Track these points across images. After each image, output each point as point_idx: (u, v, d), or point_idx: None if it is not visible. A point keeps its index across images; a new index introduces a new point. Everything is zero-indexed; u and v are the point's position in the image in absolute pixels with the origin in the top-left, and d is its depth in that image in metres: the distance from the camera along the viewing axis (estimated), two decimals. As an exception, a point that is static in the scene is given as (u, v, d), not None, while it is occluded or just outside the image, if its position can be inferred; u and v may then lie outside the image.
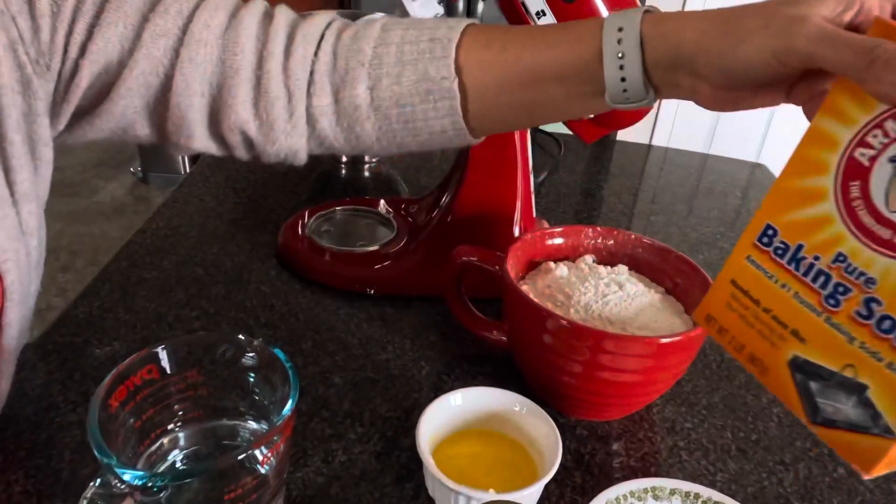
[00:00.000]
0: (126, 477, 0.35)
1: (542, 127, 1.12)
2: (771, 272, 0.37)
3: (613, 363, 0.50)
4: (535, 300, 0.53)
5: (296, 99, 0.47)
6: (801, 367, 0.35)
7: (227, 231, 0.80)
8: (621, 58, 0.41)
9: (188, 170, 1.29)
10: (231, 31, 0.46)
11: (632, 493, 0.48)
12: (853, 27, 0.34)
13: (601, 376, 0.51)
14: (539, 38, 0.45)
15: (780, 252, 0.36)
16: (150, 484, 0.35)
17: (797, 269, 0.35)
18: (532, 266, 0.63)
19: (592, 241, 0.64)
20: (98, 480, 0.35)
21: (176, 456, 0.46)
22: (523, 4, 0.61)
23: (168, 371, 0.44)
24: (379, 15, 0.66)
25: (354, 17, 0.67)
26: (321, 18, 0.49)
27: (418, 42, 0.47)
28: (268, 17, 0.48)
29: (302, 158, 0.51)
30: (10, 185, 0.44)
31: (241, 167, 0.96)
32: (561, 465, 0.47)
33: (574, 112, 0.49)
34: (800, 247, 0.35)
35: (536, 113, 0.49)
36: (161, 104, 0.47)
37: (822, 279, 0.34)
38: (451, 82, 0.46)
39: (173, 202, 0.86)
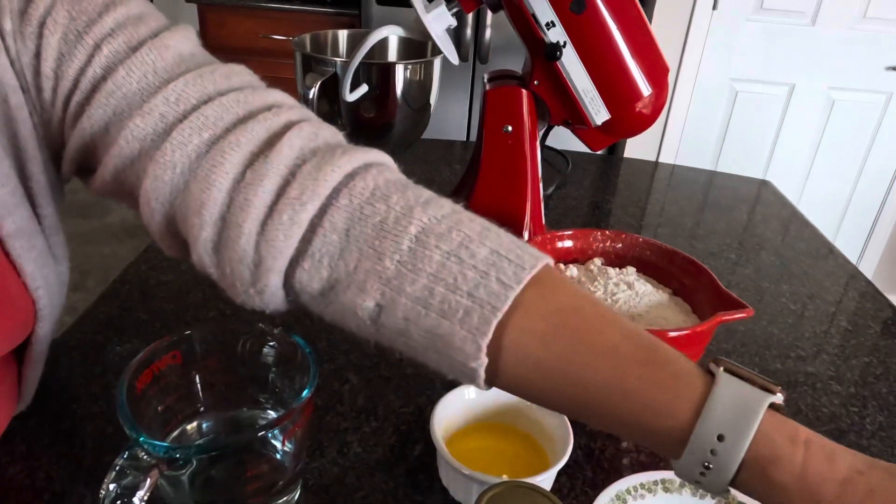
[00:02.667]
0: (153, 449, 0.36)
1: (548, 143, 1.15)
2: None
3: (623, 357, 0.51)
4: (546, 297, 0.55)
5: (265, 267, 0.38)
6: None
7: (242, 238, 0.82)
8: (707, 467, 0.32)
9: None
10: (208, 159, 0.38)
11: (642, 485, 0.49)
12: None
13: (611, 371, 0.52)
14: (627, 369, 0.34)
15: None
16: (177, 455, 0.36)
17: None
18: (542, 268, 0.64)
19: (601, 245, 0.66)
20: (126, 453, 0.36)
21: (197, 442, 0.47)
22: (534, 16, 0.63)
23: (191, 358, 0.46)
24: (386, 31, 0.69)
25: (365, 36, 0.70)
26: (339, 165, 0.38)
27: (455, 289, 0.35)
28: (268, 146, 0.39)
29: (280, 311, 0.43)
30: (38, 217, 0.45)
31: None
32: (571, 458, 0.48)
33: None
34: None
35: (586, 419, 0.37)
36: (134, 198, 0.42)
37: None
38: (479, 365, 0.35)
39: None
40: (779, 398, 0.32)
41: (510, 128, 0.69)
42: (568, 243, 0.65)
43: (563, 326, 0.35)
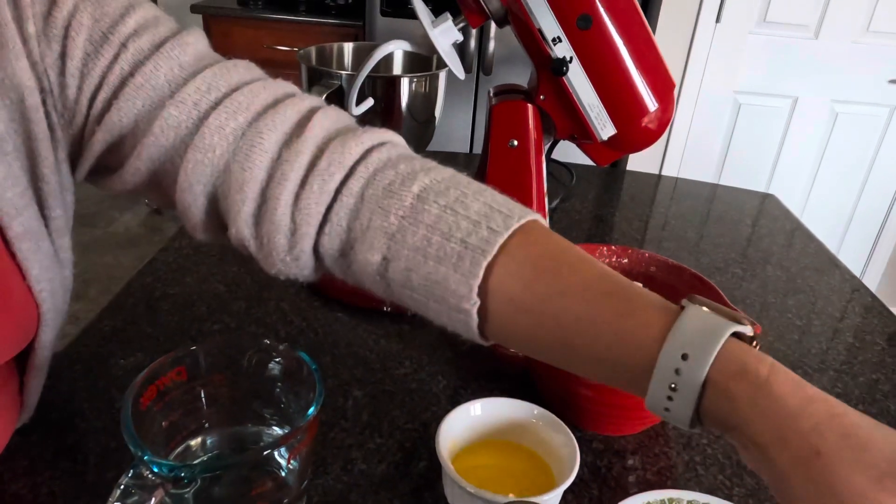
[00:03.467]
0: (157, 468, 0.36)
1: (555, 157, 1.15)
2: None
3: (630, 374, 0.51)
4: (553, 313, 0.54)
5: (301, 233, 0.42)
6: None
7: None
8: (673, 389, 0.33)
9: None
10: (246, 140, 0.42)
11: (649, 504, 0.49)
12: None
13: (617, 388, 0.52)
14: (598, 303, 0.36)
15: None
16: (182, 474, 0.36)
17: None
18: (548, 283, 0.64)
19: (607, 260, 0.65)
20: (130, 472, 0.36)
21: (201, 459, 0.46)
22: (540, 32, 0.63)
23: (196, 373, 0.45)
24: (393, 45, 0.69)
25: (370, 50, 0.70)
26: (361, 141, 0.43)
27: (449, 237, 0.39)
28: (299, 127, 0.43)
29: (309, 279, 0.47)
30: (45, 219, 0.45)
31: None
32: (578, 477, 0.48)
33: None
34: None
35: (565, 361, 0.40)
36: (170, 190, 0.45)
37: None
38: (472, 305, 0.38)
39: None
40: (748, 329, 0.33)
41: (516, 142, 0.69)
42: (574, 258, 0.65)
43: (544, 270, 0.38)
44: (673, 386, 0.33)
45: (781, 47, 2.06)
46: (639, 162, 2.17)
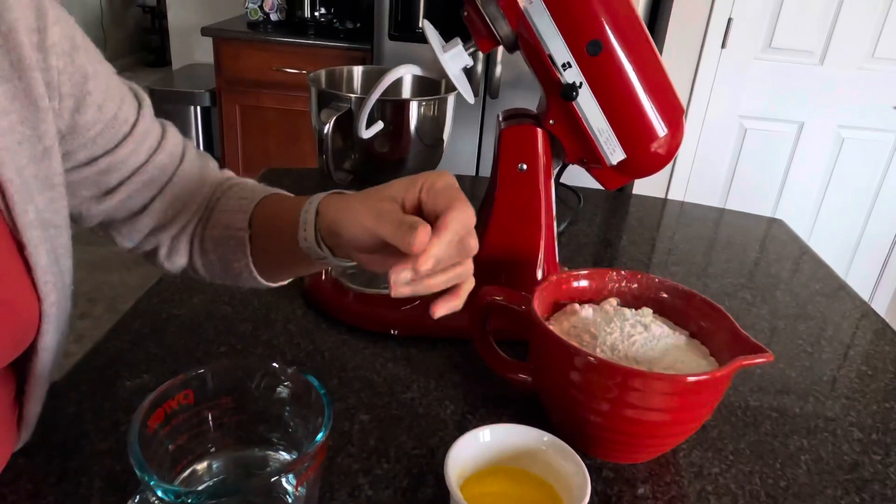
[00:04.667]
0: (164, 494, 0.35)
1: (562, 180, 1.15)
2: None
3: (640, 401, 0.51)
4: (563, 337, 0.54)
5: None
6: None
7: (254, 272, 0.81)
8: (304, 222, 0.50)
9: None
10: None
11: (661, 535, 0.48)
12: (419, 201, 0.45)
13: (628, 415, 0.51)
14: (290, 204, 0.54)
15: None
16: (189, 500, 0.35)
17: None
18: (557, 308, 0.64)
19: (616, 285, 0.65)
20: (137, 497, 0.36)
21: (207, 483, 0.46)
22: (550, 57, 0.64)
23: (204, 396, 0.45)
24: (403, 70, 0.69)
25: (380, 73, 0.71)
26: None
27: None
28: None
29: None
30: (55, 211, 0.47)
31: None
32: (588, 504, 0.47)
33: (306, 266, 0.57)
34: None
35: (286, 261, 0.56)
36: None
37: None
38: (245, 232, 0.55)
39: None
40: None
41: (525, 166, 0.69)
42: (583, 283, 0.64)
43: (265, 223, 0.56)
44: (304, 220, 0.50)
45: (787, 73, 2.07)
46: (645, 186, 2.17)
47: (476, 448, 0.51)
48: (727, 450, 0.60)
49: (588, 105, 0.65)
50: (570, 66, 0.64)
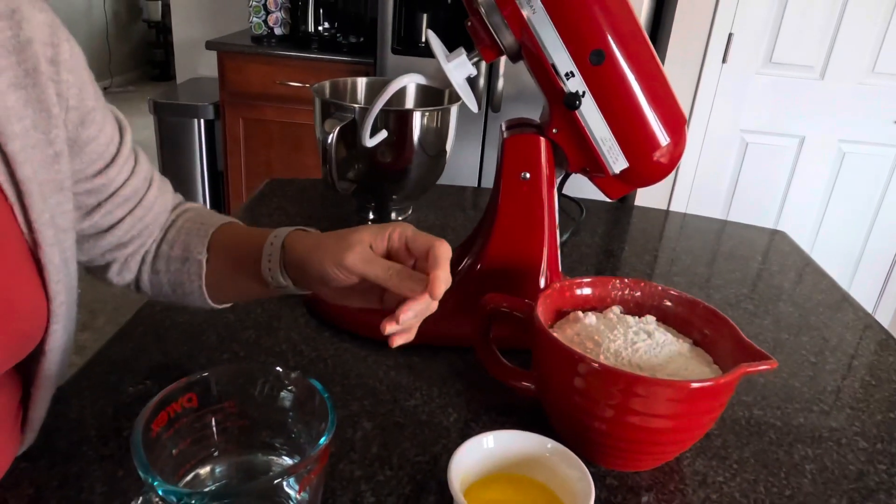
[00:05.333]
0: (167, 495, 0.35)
1: (564, 191, 1.15)
2: None
3: (644, 408, 0.50)
4: (566, 343, 0.54)
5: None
6: None
7: (257, 280, 0.82)
8: (269, 254, 0.54)
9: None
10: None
11: (666, 543, 0.47)
12: (386, 251, 0.50)
13: (632, 421, 0.51)
14: (250, 235, 0.58)
15: None
16: (192, 502, 0.35)
17: None
18: (560, 315, 0.64)
19: (619, 293, 0.65)
20: (140, 499, 0.36)
21: (210, 487, 0.46)
22: (553, 67, 0.64)
23: (207, 400, 0.45)
24: (407, 79, 0.70)
25: (384, 84, 0.71)
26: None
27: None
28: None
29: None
30: (63, 214, 0.48)
31: (270, 218, 0.98)
32: (592, 512, 0.47)
33: (259, 293, 0.59)
34: None
35: (241, 287, 0.59)
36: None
37: None
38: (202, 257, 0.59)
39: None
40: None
41: (528, 175, 0.69)
42: (586, 290, 0.64)
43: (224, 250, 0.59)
44: (269, 251, 0.54)
45: (788, 87, 2.08)
46: (647, 198, 2.17)
47: (479, 454, 0.50)
48: (731, 458, 0.60)
49: (591, 114, 0.65)
50: (573, 75, 0.64)
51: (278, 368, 0.47)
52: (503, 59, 0.68)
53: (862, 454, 0.62)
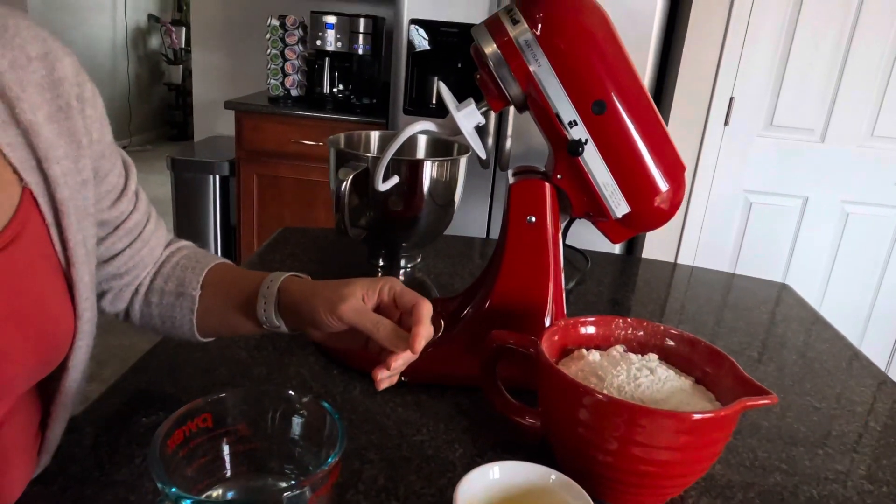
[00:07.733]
0: (178, 500, 0.37)
1: (568, 242, 1.18)
2: None
3: (647, 439, 0.51)
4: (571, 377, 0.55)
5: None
6: None
7: (269, 320, 0.84)
8: (266, 297, 0.58)
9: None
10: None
11: (670, 575, 0.47)
12: (377, 305, 0.55)
13: (635, 453, 0.52)
14: (245, 277, 0.62)
15: None
16: (207, 509, 0.36)
17: None
18: (564, 353, 0.65)
19: (623, 332, 0.66)
20: (156, 508, 0.37)
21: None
22: (557, 116, 0.68)
23: (222, 421, 0.46)
24: (419, 126, 0.74)
25: (393, 138, 0.75)
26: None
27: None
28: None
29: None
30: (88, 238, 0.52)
31: (282, 264, 1.01)
32: (597, 543, 0.47)
33: (250, 330, 0.62)
34: None
35: (232, 323, 0.62)
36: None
37: None
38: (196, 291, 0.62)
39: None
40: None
41: (533, 218, 0.72)
42: (590, 329, 0.66)
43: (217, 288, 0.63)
44: (265, 295, 0.58)
45: (789, 149, 2.12)
46: (654, 255, 2.19)
47: (485, 484, 0.51)
48: (736, 498, 0.60)
49: (593, 160, 0.68)
50: (576, 123, 0.68)
51: (290, 392, 0.48)
52: (511, 120, 0.72)
53: (868, 497, 0.62)
